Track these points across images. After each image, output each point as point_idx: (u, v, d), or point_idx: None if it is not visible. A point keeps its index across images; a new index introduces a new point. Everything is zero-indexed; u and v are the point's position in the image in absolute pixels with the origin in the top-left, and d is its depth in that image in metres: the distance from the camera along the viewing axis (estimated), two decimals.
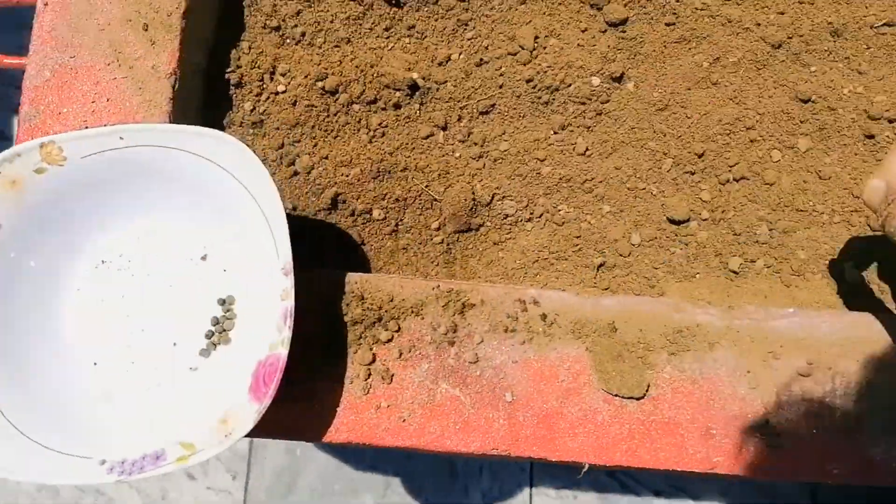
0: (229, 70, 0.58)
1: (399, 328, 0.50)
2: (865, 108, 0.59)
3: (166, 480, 1.27)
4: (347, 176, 0.58)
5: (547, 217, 0.60)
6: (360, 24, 0.60)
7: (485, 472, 1.23)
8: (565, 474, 1.22)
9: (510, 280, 0.58)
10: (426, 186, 0.59)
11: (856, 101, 0.60)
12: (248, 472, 1.27)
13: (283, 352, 0.43)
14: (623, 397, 0.49)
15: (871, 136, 0.60)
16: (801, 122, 0.60)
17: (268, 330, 0.44)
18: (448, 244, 0.59)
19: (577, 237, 0.59)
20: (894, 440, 0.47)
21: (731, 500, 1.20)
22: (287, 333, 0.43)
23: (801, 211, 0.59)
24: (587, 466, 0.49)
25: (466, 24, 0.61)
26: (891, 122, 0.60)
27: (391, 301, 0.50)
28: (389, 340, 0.50)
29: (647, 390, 0.48)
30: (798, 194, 0.59)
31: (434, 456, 1.23)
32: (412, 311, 0.50)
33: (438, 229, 0.59)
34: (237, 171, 0.44)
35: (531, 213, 0.60)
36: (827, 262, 0.57)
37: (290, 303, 0.43)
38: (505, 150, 0.60)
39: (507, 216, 0.59)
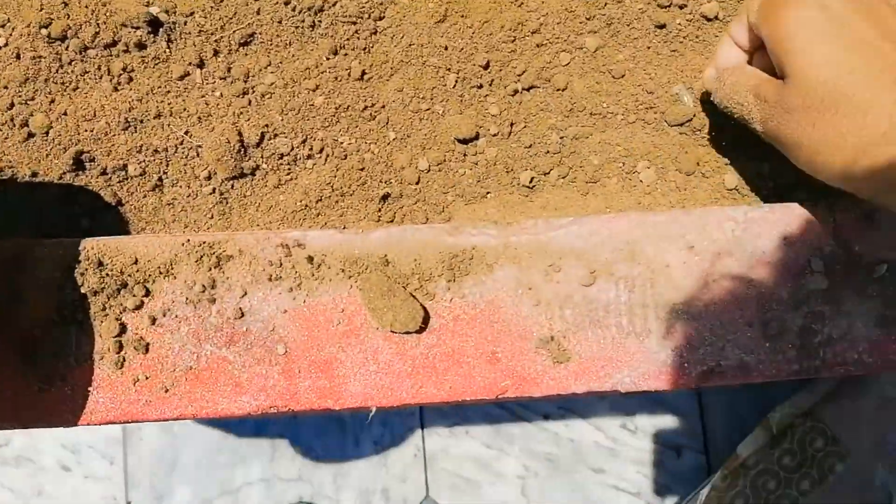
0: None
1: (148, 292, 0.45)
2: None
3: (40, 475, 1.20)
4: (92, 131, 0.52)
5: (328, 151, 0.55)
6: None
7: (374, 420, 1.21)
8: (455, 412, 1.21)
9: (291, 224, 0.53)
10: (186, 133, 0.53)
11: None
12: (125, 456, 1.21)
13: None
14: (402, 333, 0.45)
15: (662, 26, 0.57)
16: (588, 18, 0.56)
17: None
18: (222, 193, 0.54)
19: (362, 169, 0.54)
20: (682, 341, 0.45)
21: (620, 412, 1.22)
22: None
23: (595, 114, 0.56)
24: (374, 410, 0.46)
25: None
26: (681, 7, 0.57)
27: (135, 263, 0.45)
28: (139, 307, 0.45)
29: (424, 322, 0.45)
30: (591, 97, 0.56)
31: (319, 413, 1.19)
32: (161, 272, 0.45)
33: (209, 178, 0.53)
34: None
35: (310, 150, 0.54)
36: (621, 164, 0.55)
37: None
38: (272, 84, 0.54)
39: (282, 155, 0.54)
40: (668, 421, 1.20)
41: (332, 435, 1.19)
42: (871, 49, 0.39)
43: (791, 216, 0.46)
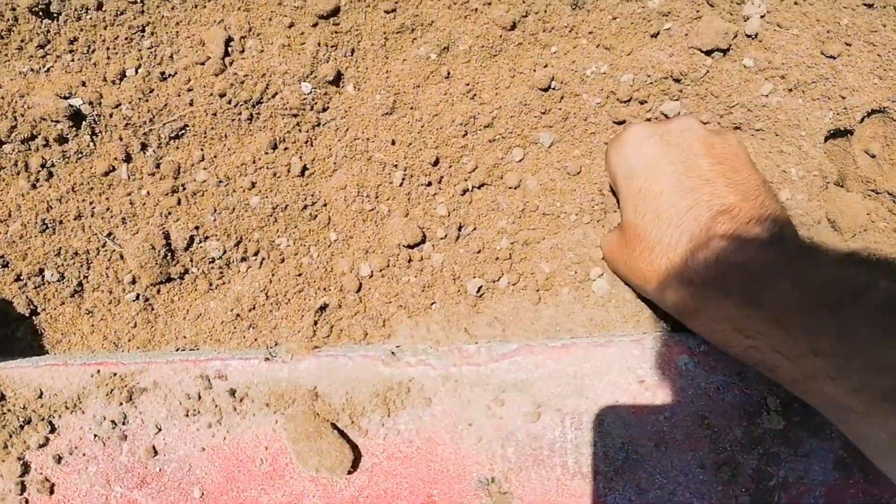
0: None
1: (53, 428, 0.41)
2: (612, 89, 0.54)
3: None
4: (6, 233, 0.48)
5: (263, 254, 0.51)
6: (6, 46, 0.49)
7: None
8: None
9: (220, 336, 0.49)
10: (109, 235, 0.49)
11: (601, 82, 0.54)
12: None
13: None
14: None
15: (621, 122, 0.54)
16: (543, 113, 0.54)
17: None
18: (147, 300, 0.50)
19: (299, 275, 0.51)
20: (630, 482, 0.42)
21: None
22: None
23: (547, 215, 0.53)
24: None
25: (143, 30, 0.50)
26: (642, 103, 0.54)
27: (40, 397, 0.41)
28: (44, 444, 0.41)
29: (353, 466, 0.42)
30: (544, 195, 0.53)
31: None
32: (68, 406, 0.41)
33: (133, 283, 0.50)
34: None
35: (244, 252, 0.51)
36: (574, 272, 0.52)
37: None
38: (204, 181, 0.51)
39: (213, 259, 0.50)
40: None
41: None
42: (664, 189, 0.41)
43: None
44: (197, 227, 0.50)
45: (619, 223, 0.46)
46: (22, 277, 0.48)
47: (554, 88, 0.53)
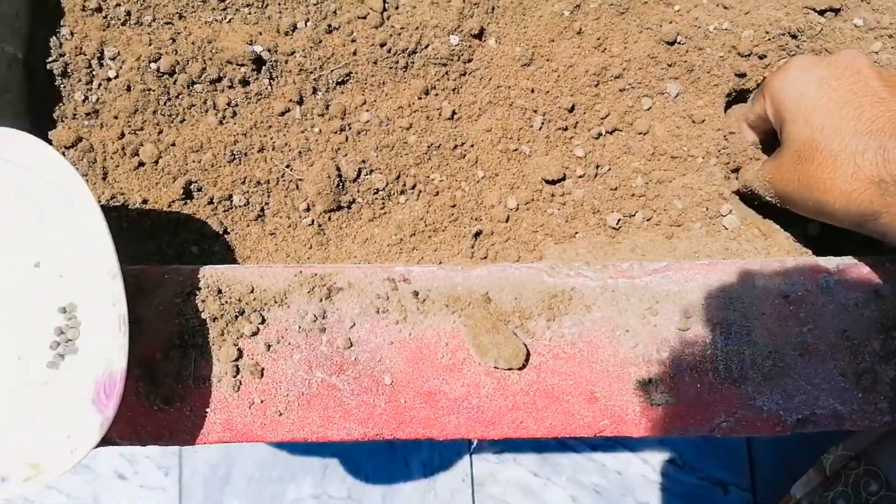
0: (51, 60, 0.52)
1: (264, 320, 0.47)
2: (734, 44, 0.58)
3: (97, 483, 1.21)
4: (199, 162, 0.54)
5: (420, 188, 0.57)
6: None
7: (423, 442, 1.21)
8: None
9: (387, 257, 0.55)
10: (287, 167, 0.55)
11: (723, 37, 0.58)
12: (180, 466, 1.22)
13: (121, 361, 0.39)
14: (504, 369, 0.47)
15: (742, 75, 0.59)
16: (669, 65, 0.59)
17: (108, 338, 0.40)
18: (320, 225, 0.56)
19: (453, 206, 0.56)
20: (777, 388, 0.47)
21: (668, 446, 1.22)
22: (123, 341, 0.39)
23: (676, 158, 0.58)
24: (475, 442, 0.47)
25: None
26: (761, 57, 0.59)
27: (252, 292, 0.47)
28: (255, 333, 0.47)
29: (526, 360, 0.47)
30: (672, 141, 0.58)
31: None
32: (276, 301, 0.47)
33: (308, 210, 0.55)
34: (40, 169, 0.39)
35: (403, 186, 0.56)
36: (705, 208, 0.57)
37: (122, 309, 0.39)
38: (367, 121, 0.56)
39: (377, 190, 0.56)
40: (715, 457, 1.20)
41: (381, 455, 1.19)
42: (843, 105, 0.45)
43: (881, 269, 0.48)
44: (363, 162, 0.56)
45: (781, 148, 0.49)
46: (214, 201, 0.54)
47: (679, 42, 0.58)
